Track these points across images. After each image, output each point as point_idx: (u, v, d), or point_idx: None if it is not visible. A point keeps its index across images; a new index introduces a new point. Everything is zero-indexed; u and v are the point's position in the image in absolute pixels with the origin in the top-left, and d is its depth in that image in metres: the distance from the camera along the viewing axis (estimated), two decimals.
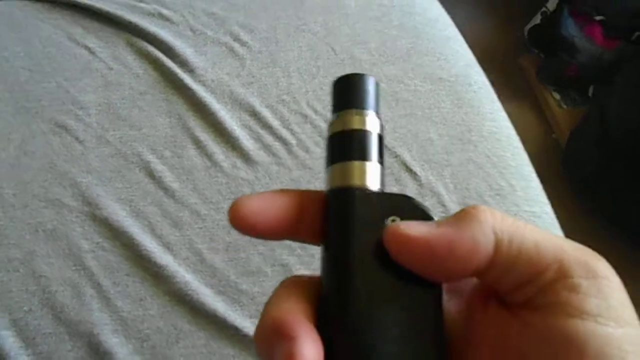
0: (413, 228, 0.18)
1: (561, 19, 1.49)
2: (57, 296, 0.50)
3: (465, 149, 0.60)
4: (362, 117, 0.21)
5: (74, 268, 0.52)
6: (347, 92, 0.22)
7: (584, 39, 1.46)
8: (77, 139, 0.60)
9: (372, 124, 0.21)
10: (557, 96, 1.57)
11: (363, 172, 0.20)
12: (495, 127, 0.63)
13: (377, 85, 0.22)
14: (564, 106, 1.55)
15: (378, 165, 0.21)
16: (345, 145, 0.21)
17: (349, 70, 0.65)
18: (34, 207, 0.55)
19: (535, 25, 1.65)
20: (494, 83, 1.72)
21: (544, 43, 1.60)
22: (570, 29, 1.47)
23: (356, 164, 0.20)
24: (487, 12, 1.86)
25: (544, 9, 1.62)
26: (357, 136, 0.21)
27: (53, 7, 0.71)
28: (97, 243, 0.53)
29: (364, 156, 0.20)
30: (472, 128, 0.62)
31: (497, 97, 0.68)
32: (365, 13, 0.71)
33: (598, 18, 1.47)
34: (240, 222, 0.20)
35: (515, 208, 0.57)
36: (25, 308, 0.49)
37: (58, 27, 0.69)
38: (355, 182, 0.20)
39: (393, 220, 0.19)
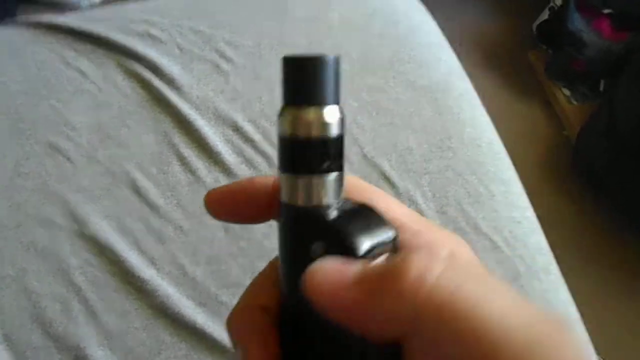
0: (329, 278, 0.17)
1: (568, 14, 1.46)
2: (47, 311, 0.53)
3: (444, 156, 0.61)
4: (319, 117, 0.18)
5: (63, 284, 0.54)
6: (302, 82, 0.18)
7: (591, 33, 1.43)
8: (68, 159, 0.62)
9: (330, 125, 0.18)
10: (567, 92, 1.54)
11: (314, 189, 0.19)
12: (475, 133, 0.63)
13: (338, 65, 0.19)
14: (574, 102, 1.53)
15: (334, 175, 0.19)
16: (297, 156, 0.19)
17: None
18: (27, 226, 0.58)
19: (543, 20, 1.63)
20: (499, 80, 1.70)
21: (551, 38, 1.58)
22: (577, 23, 1.44)
23: (308, 180, 0.19)
24: (496, 9, 1.84)
25: (551, 4, 1.60)
26: (312, 146, 0.18)
27: (49, 31, 0.74)
28: (85, 259, 0.55)
29: (317, 169, 0.19)
30: (452, 135, 0.62)
31: (480, 103, 0.68)
32: (348, 24, 0.72)
33: (606, 11, 1.44)
34: (215, 205, 0.22)
35: (494, 214, 0.58)
36: (16, 323, 0.52)
37: (53, 50, 0.72)
38: (303, 202, 0.19)
39: (321, 253, 0.18)
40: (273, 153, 0.62)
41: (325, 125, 0.18)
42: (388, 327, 0.16)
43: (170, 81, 0.67)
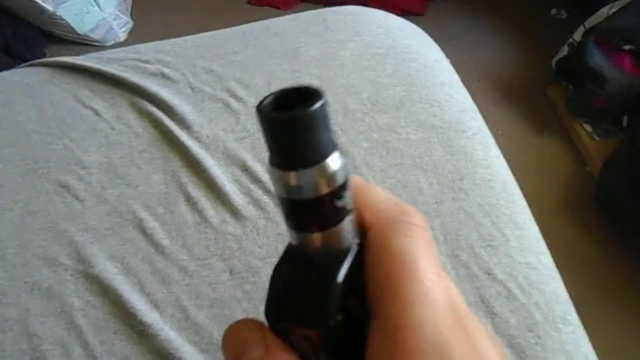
0: None
1: (588, 50, 1.45)
2: (47, 355, 0.52)
3: (456, 197, 0.59)
4: (323, 174, 0.17)
5: (65, 326, 0.53)
6: (295, 144, 0.16)
7: (612, 69, 1.41)
8: (77, 198, 0.62)
9: (336, 175, 0.17)
10: (589, 128, 1.52)
11: (330, 240, 0.18)
12: (489, 174, 0.61)
13: (326, 108, 0.17)
14: (596, 138, 1.50)
15: (348, 219, 0.18)
16: (308, 217, 0.18)
17: (340, 121, 0.64)
18: (33, 265, 0.57)
19: (563, 56, 1.61)
20: (518, 115, 1.69)
21: (571, 74, 1.57)
22: (597, 59, 1.43)
23: (322, 234, 0.18)
24: (514, 44, 1.84)
25: (570, 40, 1.59)
26: (321, 203, 0.17)
27: (66, 71, 0.76)
28: (88, 301, 0.55)
29: (332, 222, 0.18)
30: (464, 176, 0.61)
31: (494, 142, 0.66)
32: (360, 63, 0.72)
33: (627, 47, 1.42)
34: None
35: (509, 259, 0.55)
36: None
37: (69, 90, 0.73)
38: (319, 253, 0.19)
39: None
40: None
41: (331, 178, 0.17)
42: None
43: (181, 120, 0.68)
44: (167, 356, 0.51)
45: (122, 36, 1.87)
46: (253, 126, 0.67)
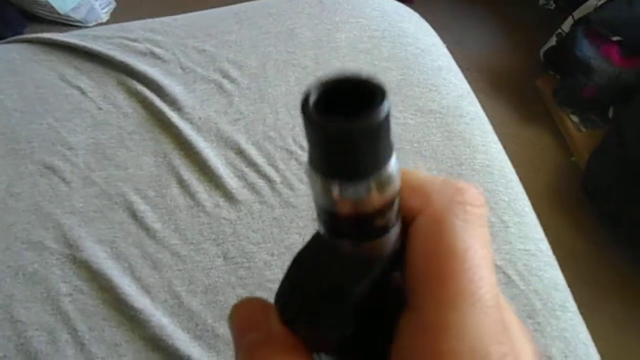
0: None
1: (576, 40, 1.45)
2: (33, 342, 0.49)
3: None
4: (382, 185, 0.14)
5: (50, 313, 0.51)
6: (355, 155, 0.14)
7: (600, 60, 1.42)
8: (63, 179, 0.60)
9: (393, 183, 0.15)
10: (576, 118, 1.52)
11: (377, 249, 0.17)
12: (487, 160, 0.61)
13: (390, 113, 0.13)
14: (583, 129, 1.51)
15: (395, 228, 0.16)
16: (362, 230, 0.16)
17: None
18: (16, 249, 0.55)
19: (551, 47, 1.62)
20: (507, 106, 1.68)
21: (560, 65, 1.57)
22: (586, 50, 1.43)
23: (371, 243, 0.16)
24: (503, 35, 1.84)
25: (559, 30, 1.59)
26: (379, 215, 0.15)
27: (49, 48, 0.73)
28: (76, 286, 0.53)
29: (382, 232, 0.16)
30: (463, 161, 0.60)
31: (492, 128, 0.66)
32: (356, 45, 0.71)
33: (615, 38, 1.43)
34: None
35: (508, 246, 0.54)
36: (0, 354, 0.49)
37: (52, 68, 0.70)
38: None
39: None
40: (276, 177, 0.59)
41: (386, 190, 0.14)
42: None
43: (172, 101, 0.65)
44: (159, 343, 0.49)
45: (104, 17, 1.82)
46: (247, 108, 0.65)
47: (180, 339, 0.49)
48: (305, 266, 0.18)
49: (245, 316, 0.19)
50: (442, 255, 0.17)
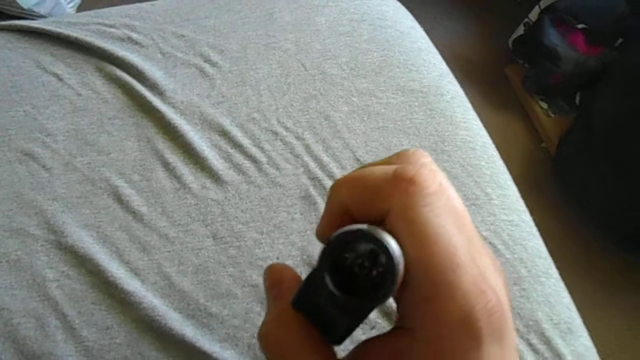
0: None
1: (543, 29, 1.49)
2: (20, 329, 0.48)
3: (439, 159, 0.59)
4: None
5: (37, 299, 0.50)
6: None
7: (567, 47, 1.46)
8: (44, 166, 0.59)
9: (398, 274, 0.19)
10: (544, 105, 1.57)
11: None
12: (469, 136, 0.62)
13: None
14: (552, 115, 1.55)
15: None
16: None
17: (319, 86, 0.63)
18: None
19: (519, 36, 1.66)
20: (477, 95, 1.72)
21: (528, 53, 1.61)
22: (553, 38, 1.47)
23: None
24: (472, 25, 1.88)
25: (526, 19, 1.63)
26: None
27: (23, 36, 0.71)
28: (62, 272, 0.52)
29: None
30: (446, 138, 0.61)
31: (471, 106, 0.67)
32: (336, 28, 0.71)
33: (580, 26, 1.47)
34: None
35: (492, 217, 0.56)
36: None
37: (27, 55, 0.68)
38: None
39: None
40: (262, 157, 0.59)
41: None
42: None
43: (153, 86, 0.65)
44: (151, 324, 0.49)
45: (70, 11, 1.78)
46: (229, 91, 0.65)
47: (173, 319, 0.49)
48: (313, 288, 0.21)
49: (273, 275, 0.25)
50: (418, 244, 0.20)
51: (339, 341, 0.22)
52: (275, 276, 0.25)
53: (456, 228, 0.20)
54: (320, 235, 0.25)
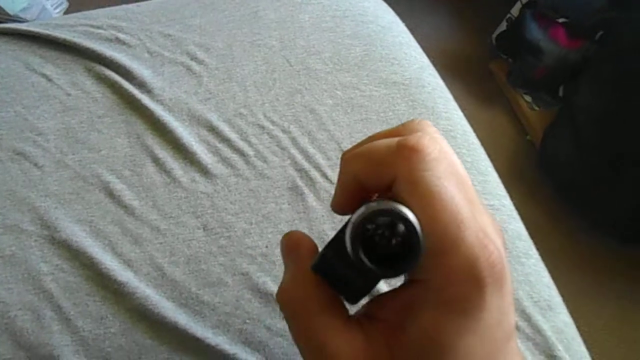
0: None
1: (525, 24, 1.52)
2: (16, 321, 0.50)
3: None
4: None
5: (33, 292, 0.51)
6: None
7: (548, 41, 1.49)
8: (35, 164, 0.60)
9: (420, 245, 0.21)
10: (529, 99, 1.59)
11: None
12: (450, 125, 0.64)
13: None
14: (536, 108, 1.58)
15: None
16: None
17: (303, 80, 0.64)
18: None
19: (502, 31, 1.68)
20: (463, 90, 1.74)
21: (511, 48, 1.64)
22: (535, 32, 1.50)
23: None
24: (455, 22, 1.90)
25: (509, 15, 1.66)
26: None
27: (11, 38, 0.72)
28: (57, 265, 0.53)
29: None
30: None
31: (452, 97, 0.69)
32: (319, 25, 0.73)
33: (560, 20, 1.50)
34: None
35: None
36: None
37: (15, 57, 0.69)
38: None
39: None
40: (250, 151, 0.61)
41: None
42: None
43: (141, 84, 0.66)
44: (145, 313, 0.50)
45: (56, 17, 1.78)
46: (216, 87, 0.66)
47: (166, 307, 0.50)
48: (330, 256, 0.25)
49: (291, 240, 0.28)
50: (423, 204, 0.22)
51: (356, 301, 0.25)
52: (293, 241, 0.27)
53: (458, 189, 0.22)
54: (336, 206, 0.27)
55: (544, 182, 1.50)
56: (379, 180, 0.23)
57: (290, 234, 0.28)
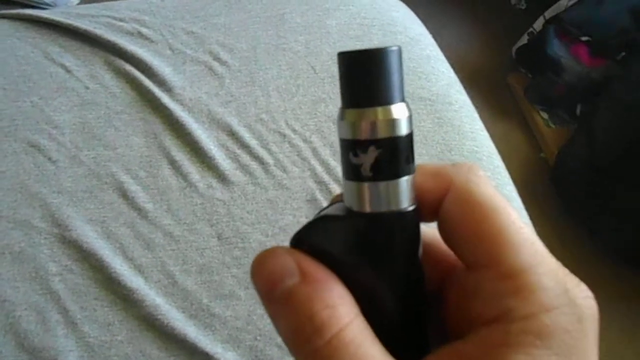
0: None
1: (547, 39, 1.50)
2: (21, 322, 0.48)
3: None
4: (387, 116, 0.16)
5: (40, 292, 0.50)
6: (365, 80, 0.17)
7: (570, 59, 1.47)
8: (49, 158, 0.58)
9: (399, 123, 0.17)
10: (545, 115, 1.57)
11: (383, 196, 0.17)
12: (476, 147, 0.62)
13: (401, 57, 0.17)
14: (552, 125, 1.56)
15: (405, 179, 0.17)
16: (355, 161, 0.17)
17: (328, 89, 0.63)
18: (1, 228, 0.53)
19: (523, 45, 1.66)
20: (478, 102, 1.73)
21: (531, 63, 1.62)
22: (557, 48, 1.48)
23: (376, 186, 0.17)
24: (476, 33, 1.88)
25: (530, 29, 1.64)
26: (385, 146, 0.17)
27: (32, 25, 0.70)
28: (66, 266, 0.51)
29: (387, 174, 0.17)
30: (453, 147, 0.61)
31: (478, 116, 0.67)
32: (346, 32, 0.71)
33: (584, 38, 1.48)
34: None
35: None
36: None
37: (35, 45, 0.68)
38: (370, 209, 0.17)
39: None
40: (269, 159, 0.59)
41: (393, 125, 0.16)
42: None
43: (161, 82, 0.64)
44: (154, 322, 0.49)
45: (74, 0, 1.77)
46: (238, 90, 0.64)
47: (176, 319, 0.49)
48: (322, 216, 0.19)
49: (271, 266, 0.19)
50: (486, 212, 0.18)
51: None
52: (275, 268, 0.19)
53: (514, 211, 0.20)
54: None
55: (555, 201, 1.48)
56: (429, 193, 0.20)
57: (264, 259, 0.21)
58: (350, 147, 0.17)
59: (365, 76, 0.17)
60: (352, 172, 0.17)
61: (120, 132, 0.61)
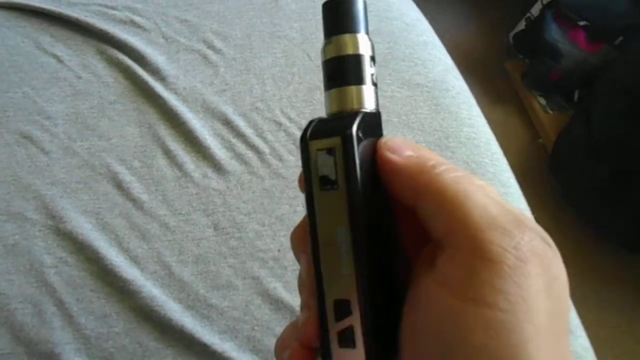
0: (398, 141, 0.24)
1: (545, 25, 1.49)
2: (17, 314, 0.48)
3: (443, 155, 0.59)
4: (354, 40, 0.23)
5: (35, 285, 0.49)
6: (337, 16, 0.24)
7: (567, 44, 1.46)
8: (42, 150, 0.58)
9: (364, 46, 0.23)
10: (543, 101, 1.57)
11: (360, 96, 0.23)
12: (473, 133, 0.62)
13: (365, 5, 0.24)
14: (550, 111, 1.55)
15: (372, 87, 0.24)
16: (341, 71, 0.23)
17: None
18: None
19: (520, 30, 1.65)
20: (476, 88, 1.71)
21: (528, 48, 1.61)
22: (554, 34, 1.47)
23: (352, 88, 0.23)
24: (473, 18, 1.86)
25: (528, 14, 1.62)
26: (351, 61, 0.23)
27: (22, 14, 0.69)
28: (61, 258, 0.51)
29: (359, 80, 0.23)
30: (450, 134, 0.61)
31: (475, 102, 0.67)
32: None
33: (582, 23, 1.47)
34: None
35: None
36: None
37: (26, 35, 0.67)
38: (353, 106, 0.23)
39: None
40: (265, 148, 0.58)
41: (358, 45, 0.23)
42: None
43: (155, 71, 0.64)
44: (150, 313, 0.48)
45: None
46: (233, 79, 0.64)
47: (173, 309, 0.49)
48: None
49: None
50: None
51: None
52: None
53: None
54: None
55: (552, 186, 1.48)
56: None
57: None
58: (324, 65, 0.24)
59: (340, 14, 0.24)
60: (326, 84, 0.24)
61: (114, 122, 0.60)
